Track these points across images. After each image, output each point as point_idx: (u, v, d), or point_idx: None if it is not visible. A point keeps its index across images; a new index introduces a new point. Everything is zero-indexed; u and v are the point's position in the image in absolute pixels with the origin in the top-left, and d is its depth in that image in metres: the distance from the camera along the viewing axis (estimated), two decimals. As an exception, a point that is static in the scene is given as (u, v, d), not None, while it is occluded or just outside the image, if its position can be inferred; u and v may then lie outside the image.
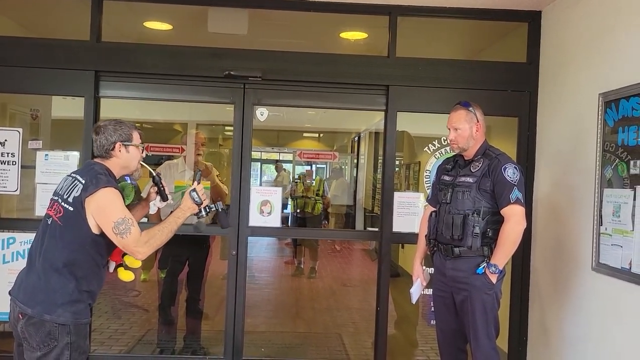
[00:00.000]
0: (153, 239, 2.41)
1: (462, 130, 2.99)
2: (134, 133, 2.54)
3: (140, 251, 2.39)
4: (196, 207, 2.58)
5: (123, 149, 2.50)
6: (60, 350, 2.33)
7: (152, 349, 4.40)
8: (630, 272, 2.78)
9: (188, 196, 2.57)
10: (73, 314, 2.35)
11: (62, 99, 4.25)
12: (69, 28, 4.13)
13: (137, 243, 2.36)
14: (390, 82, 3.87)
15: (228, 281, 3.87)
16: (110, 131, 2.48)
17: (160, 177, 2.68)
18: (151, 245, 2.41)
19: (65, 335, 2.33)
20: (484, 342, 2.91)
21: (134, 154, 2.54)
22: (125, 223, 2.33)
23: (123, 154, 2.51)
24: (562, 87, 3.57)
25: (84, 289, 2.39)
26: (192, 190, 2.58)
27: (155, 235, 2.42)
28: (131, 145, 2.52)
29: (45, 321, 2.31)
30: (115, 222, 2.32)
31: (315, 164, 10.59)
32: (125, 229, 2.33)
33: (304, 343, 4.79)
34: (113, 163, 2.50)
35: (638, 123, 2.79)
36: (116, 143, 2.48)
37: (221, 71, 3.78)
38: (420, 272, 3.23)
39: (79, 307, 2.38)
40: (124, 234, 2.33)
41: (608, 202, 2.99)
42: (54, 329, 2.32)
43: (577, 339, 3.24)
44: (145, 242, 2.38)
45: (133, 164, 2.56)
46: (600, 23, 3.18)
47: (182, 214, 2.54)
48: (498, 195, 2.86)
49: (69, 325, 2.33)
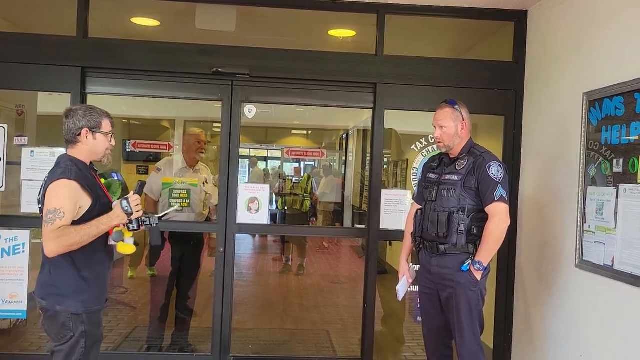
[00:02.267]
0: (66, 236, 2.28)
1: (447, 128, 3.02)
2: (104, 120, 2.53)
3: (49, 245, 2.28)
4: (125, 218, 2.45)
5: (90, 135, 2.49)
6: (76, 340, 2.39)
7: (140, 347, 4.39)
8: (612, 269, 2.82)
9: (118, 205, 2.45)
10: (83, 303, 2.41)
11: (48, 94, 4.22)
12: (56, 24, 4.10)
13: (49, 235, 2.27)
14: (377, 80, 3.88)
15: (215, 278, 3.87)
16: (80, 116, 2.47)
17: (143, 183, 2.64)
18: (62, 243, 2.28)
19: (80, 325, 2.40)
20: (469, 338, 2.94)
21: (101, 141, 2.53)
22: (55, 213, 2.28)
23: (89, 141, 2.49)
24: (548, 86, 3.61)
25: (87, 276, 2.43)
26: (125, 199, 2.45)
27: (70, 235, 2.29)
28: (99, 132, 2.51)
29: (58, 312, 2.38)
30: (49, 209, 2.31)
31: (304, 161, 10.59)
32: (52, 219, 2.27)
33: (292, 340, 4.80)
34: (79, 150, 2.50)
35: (621, 122, 2.83)
36: (83, 129, 2.47)
37: (209, 68, 3.77)
38: (406, 269, 3.26)
39: (88, 294, 2.43)
40: (47, 223, 2.28)
41: (591, 200, 3.04)
42: (67, 320, 2.38)
43: (561, 335, 3.28)
44: (57, 237, 2.27)
45: (100, 150, 2.54)
46: (584, 23, 3.22)
47: (108, 220, 2.42)
48: (482, 193, 2.89)
49: (81, 314, 2.40)
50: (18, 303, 3.73)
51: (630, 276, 2.68)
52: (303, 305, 5.97)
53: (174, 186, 4.33)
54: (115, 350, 4.24)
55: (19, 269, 3.72)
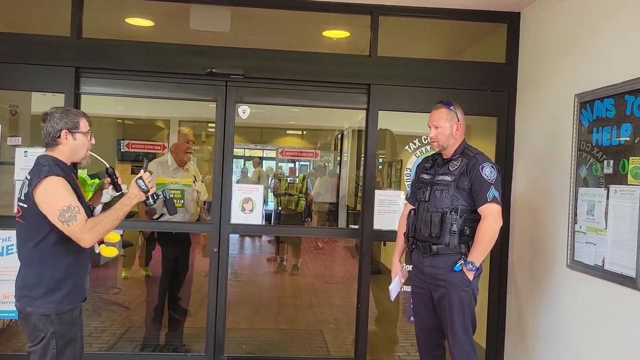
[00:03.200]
0: (98, 225, 2.39)
1: (442, 128, 3.03)
2: (81, 120, 2.54)
3: (86, 238, 2.37)
4: (143, 195, 2.57)
5: (70, 136, 2.50)
6: (47, 340, 2.41)
7: (133, 347, 4.39)
8: (603, 269, 2.85)
9: (134, 184, 2.57)
10: (53, 304, 2.41)
11: (42, 94, 4.21)
12: (50, 24, 4.10)
13: (82, 230, 2.34)
14: (371, 80, 3.90)
15: (209, 278, 3.88)
16: (57, 119, 2.48)
17: (113, 169, 2.70)
18: (97, 232, 2.39)
19: (49, 326, 2.41)
20: (461, 337, 2.96)
21: (81, 141, 2.54)
22: (70, 211, 2.33)
23: (70, 142, 2.50)
24: (540, 87, 3.64)
25: (59, 277, 2.44)
26: (139, 178, 2.57)
27: (101, 222, 2.41)
28: (78, 132, 2.52)
29: (29, 314, 2.41)
30: (60, 210, 2.33)
31: (299, 162, 10.60)
32: (71, 217, 2.33)
33: (286, 340, 4.81)
34: (60, 151, 2.50)
35: (611, 124, 2.85)
36: (62, 130, 2.48)
37: (203, 69, 3.78)
38: (399, 269, 3.28)
39: (59, 295, 2.43)
40: (70, 222, 2.33)
41: (582, 200, 3.06)
42: (37, 321, 2.40)
43: (553, 335, 3.31)
44: (90, 229, 2.36)
45: (81, 151, 2.56)
46: (576, 25, 3.25)
47: (129, 201, 2.54)
48: (475, 194, 2.91)
49: (50, 315, 2.40)
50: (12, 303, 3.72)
51: (620, 276, 2.71)
52: (297, 306, 5.98)
53: (168, 187, 4.34)
54: (109, 350, 4.24)
55: (12, 270, 3.71)
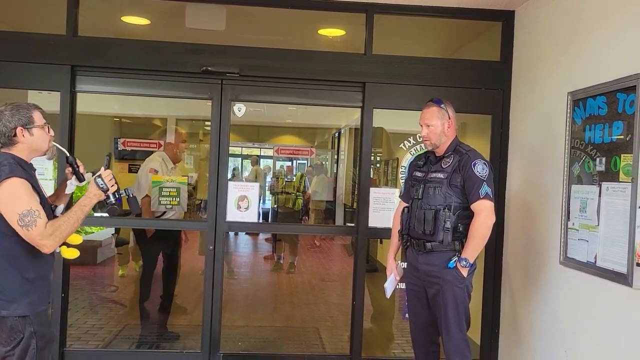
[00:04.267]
0: (58, 230, 2.32)
1: (434, 126, 3.05)
2: (34, 114, 2.42)
3: (47, 244, 2.30)
4: (102, 194, 2.47)
5: (26, 132, 2.38)
6: (27, 341, 2.36)
7: (129, 344, 4.41)
8: (595, 266, 2.87)
9: (93, 182, 2.47)
10: (29, 305, 2.37)
11: (38, 93, 4.21)
12: (45, 22, 4.10)
13: (42, 236, 2.27)
14: (366, 79, 3.91)
15: (205, 276, 3.89)
16: (8, 117, 2.37)
17: (74, 158, 2.59)
18: (57, 237, 2.32)
19: (28, 326, 2.36)
20: (455, 334, 2.98)
21: (40, 135, 2.43)
22: (30, 215, 2.25)
23: (27, 138, 2.39)
24: (534, 85, 3.65)
25: (31, 277, 2.38)
26: (98, 176, 2.46)
27: (61, 227, 2.33)
28: (34, 127, 2.40)
29: (5, 317, 2.34)
30: (20, 214, 2.25)
31: (297, 160, 10.60)
32: (31, 222, 2.25)
33: (282, 337, 4.83)
34: (19, 149, 2.40)
35: (604, 121, 2.87)
36: (17, 128, 2.37)
37: (199, 67, 3.79)
38: (394, 266, 3.29)
39: (34, 296, 2.38)
40: (29, 227, 2.25)
41: (575, 198, 3.08)
42: (15, 323, 2.35)
43: (546, 331, 3.33)
44: (50, 235, 2.29)
45: (42, 145, 2.45)
46: (569, 23, 3.26)
47: (88, 201, 2.45)
48: (468, 191, 2.93)
49: (28, 315, 2.36)
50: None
51: (612, 273, 2.73)
52: (294, 303, 5.99)
53: (164, 184, 4.35)
54: (106, 348, 4.25)
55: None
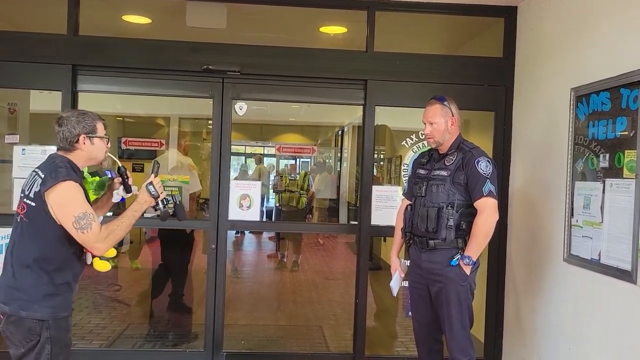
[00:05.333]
0: (112, 234, 2.37)
1: (437, 124, 3.03)
2: (98, 124, 2.47)
3: (100, 247, 2.34)
4: (153, 200, 2.53)
5: (87, 141, 2.43)
6: (42, 345, 2.33)
7: (133, 343, 4.41)
8: (599, 263, 2.85)
9: (145, 189, 2.52)
10: (51, 309, 2.34)
11: (39, 92, 4.22)
12: (46, 21, 4.10)
13: (97, 239, 2.31)
14: (368, 76, 3.89)
15: (208, 275, 3.89)
16: (74, 123, 2.41)
17: (125, 169, 2.64)
18: (110, 241, 2.37)
19: (45, 330, 2.33)
20: (459, 332, 2.97)
21: (99, 145, 2.48)
22: (86, 218, 2.29)
23: (88, 147, 2.44)
24: (537, 81, 3.63)
25: (58, 282, 2.37)
26: (149, 183, 2.53)
27: (114, 231, 2.38)
28: (96, 137, 2.45)
29: (23, 318, 2.31)
30: (76, 217, 2.28)
31: (300, 158, 10.58)
32: (87, 225, 2.29)
33: (285, 336, 4.82)
34: (77, 155, 2.44)
35: (607, 117, 2.85)
36: (80, 135, 2.41)
37: (200, 65, 3.78)
38: (398, 264, 3.28)
39: (56, 300, 2.36)
40: (85, 229, 2.28)
41: (579, 194, 3.06)
42: (33, 325, 2.32)
43: (550, 329, 3.31)
44: (104, 238, 2.33)
45: (99, 155, 2.50)
46: (572, 19, 3.24)
47: (140, 207, 2.50)
48: (471, 188, 2.91)
49: (47, 320, 2.33)
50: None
51: (616, 270, 2.71)
52: (297, 302, 5.99)
53: (165, 183, 4.34)
54: (109, 347, 4.25)
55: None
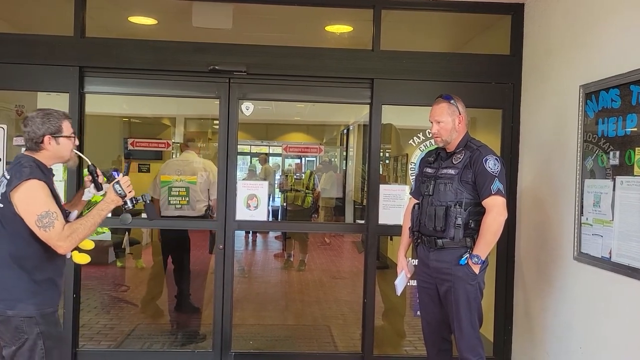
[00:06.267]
0: (75, 232, 2.38)
1: (444, 123, 3.01)
2: (63, 123, 2.48)
3: (63, 245, 2.35)
4: (120, 200, 2.53)
5: (53, 141, 2.45)
6: (33, 341, 2.37)
7: (141, 344, 4.42)
8: (610, 261, 2.83)
9: (111, 188, 2.53)
10: (36, 305, 2.38)
11: (47, 94, 4.23)
12: (53, 23, 4.11)
13: (59, 237, 2.33)
14: (374, 75, 3.88)
15: (215, 275, 3.89)
16: (38, 124, 2.42)
17: (95, 166, 2.63)
18: (73, 240, 2.37)
19: (34, 326, 2.37)
20: (468, 331, 2.95)
21: (65, 144, 2.50)
22: (48, 217, 2.31)
23: (53, 146, 2.46)
24: (545, 79, 3.61)
25: (39, 279, 2.40)
26: (116, 182, 2.53)
27: (78, 230, 2.39)
28: (61, 136, 2.47)
29: (10, 317, 2.35)
30: (39, 215, 2.30)
31: (306, 158, 10.58)
32: (49, 223, 2.30)
33: (293, 335, 4.82)
34: (43, 155, 2.46)
35: (617, 114, 2.83)
36: (45, 136, 2.43)
37: (206, 66, 3.78)
38: (404, 264, 3.27)
39: (41, 297, 2.40)
40: (47, 228, 2.30)
41: (589, 192, 3.04)
42: (20, 323, 2.36)
43: (561, 328, 3.29)
44: (67, 236, 2.35)
45: (65, 154, 2.52)
46: (581, 15, 3.21)
47: (106, 206, 2.51)
48: (479, 187, 2.90)
49: (34, 316, 2.37)
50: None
51: (627, 268, 2.68)
52: (304, 301, 5.99)
53: (173, 184, 4.37)
54: (118, 348, 4.26)
55: None
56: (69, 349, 3.76)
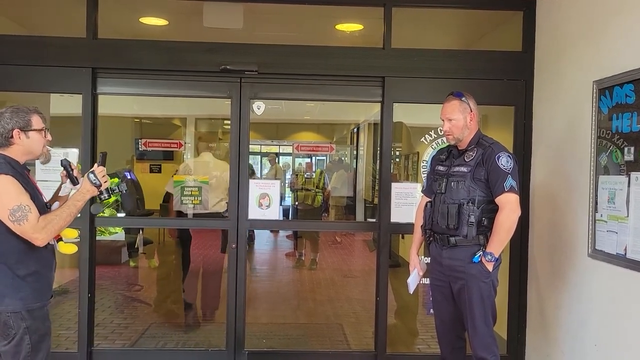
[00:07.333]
0: (50, 224, 2.38)
1: (456, 120, 3.00)
2: (33, 118, 2.48)
3: (39, 237, 2.36)
4: (95, 190, 2.53)
5: (22, 135, 2.45)
6: (20, 336, 2.39)
7: (156, 342, 4.45)
8: (625, 258, 2.80)
9: (86, 178, 2.53)
10: (21, 300, 2.39)
11: (60, 95, 4.27)
12: (65, 25, 4.14)
13: (34, 229, 2.34)
14: (385, 73, 3.87)
15: (228, 274, 3.91)
16: (7, 119, 2.43)
17: (68, 161, 2.63)
18: (49, 231, 2.38)
19: (21, 322, 2.39)
20: (482, 329, 2.94)
21: (36, 138, 2.49)
22: (21, 210, 2.32)
23: (23, 141, 2.46)
24: (557, 75, 3.58)
25: (23, 274, 2.41)
26: (91, 172, 2.53)
27: (53, 221, 2.39)
28: (31, 130, 2.47)
29: None
30: (11, 209, 2.31)
31: (316, 157, 10.58)
32: (22, 216, 2.32)
33: (306, 334, 4.83)
34: (14, 150, 2.46)
35: (631, 110, 2.80)
36: (14, 130, 2.43)
37: (217, 66, 3.79)
38: (417, 262, 3.26)
39: (25, 292, 2.40)
40: (21, 221, 2.32)
41: (603, 188, 3.01)
42: (7, 319, 2.38)
43: (575, 325, 3.27)
44: (42, 228, 2.35)
45: (36, 149, 2.51)
46: (593, 10, 3.19)
47: (82, 196, 2.51)
48: (492, 184, 2.88)
49: (20, 311, 2.38)
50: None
51: (643, 265, 2.67)
52: (316, 300, 5.99)
53: (186, 184, 4.40)
54: (132, 347, 4.30)
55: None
56: (84, 347, 3.80)
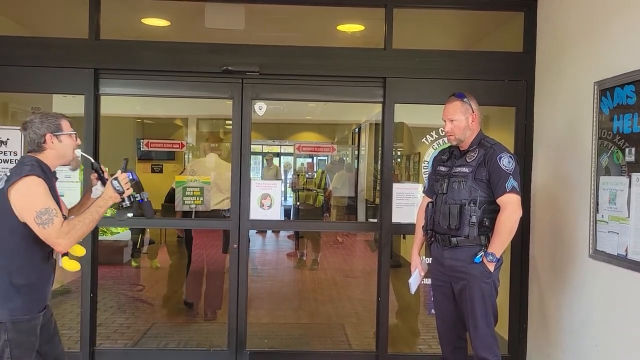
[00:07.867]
0: (74, 229, 2.36)
1: (458, 121, 3.01)
2: (62, 122, 2.50)
3: (62, 243, 2.33)
4: (118, 197, 2.52)
5: (55, 139, 2.46)
6: (1, 348, 2.30)
7: (157, 343, 4.46)
8: (626, 259, 2.81)
9: (109, 185, 2.52)
10: (8, 311, 2.31)
11: (62, 97, 4.28)
12: (68, 26, 4.16)
13: (58, 234, 2.31)
14: (387, 74, 3.88)
15: (230, 274, 3.92)
16: (37, 124, 2.44)
17: (99, 163, 2.64)
18: (72, 237, 2.35)
19: (3, 333, 2.30)
20: (483, 329, 2.95)
21: (67, 142, 2.50)
22: (48, 213, 2.29)
23: (56, 145, 2.47)
24: (558, 76, 3.59)
25: (19, 283, 2.34)
26: (114, 179, 2.52)
27: (76, 226, 2.37)
28: (62, 134, 2.48)
29: None
30: (38, 212, 2.28)
31: (317, 157, 10.61)
32: (48, 220, 2.29)
33: (307, 334, 4.84)
34: (47, 155, 2.46)
35: (633, 111, 2.81)
36: (46, 135, 2.44)
37: (219, 66, 3.80)
38: (418, 262, 3.27)
39: (15, 303, 2.33)
40: (46, 225, 2.29)
41: (604, 189, 3.02)
42: None
43: (576, 326, 3.28)
44: (66, 233, 2.33)
45: (68, 152, 2.52)
46: (594, 11, 3.19)
47: (104, 202, 2.50)
48: (494, 185, 2.89)
49: (5, 322, 2.30)
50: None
51: (644, 265, 2.67)
52: (318, 300, 6.00)
53: (188, 184, 4.41)
54: (134, 347, 4.31)
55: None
56: (86, 347, 3.82)
